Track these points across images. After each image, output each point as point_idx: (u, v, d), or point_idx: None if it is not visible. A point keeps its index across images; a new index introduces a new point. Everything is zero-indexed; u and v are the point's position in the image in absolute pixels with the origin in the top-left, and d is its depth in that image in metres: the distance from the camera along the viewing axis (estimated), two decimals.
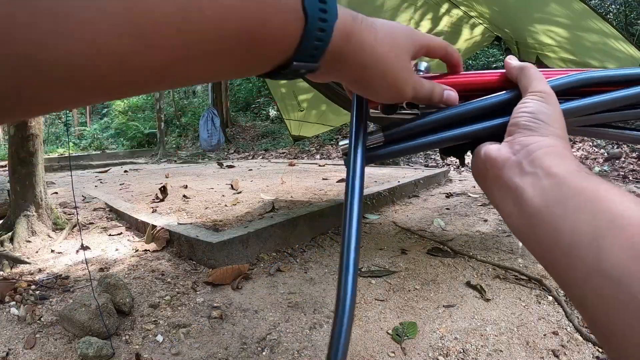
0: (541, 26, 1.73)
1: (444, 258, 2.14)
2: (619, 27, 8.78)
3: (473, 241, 2.46)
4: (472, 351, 1.34)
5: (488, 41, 2.67)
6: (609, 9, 9.60)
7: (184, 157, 8.67)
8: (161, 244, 2.23)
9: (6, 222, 2.26)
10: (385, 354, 1.33)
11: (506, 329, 1.47)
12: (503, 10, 1.95)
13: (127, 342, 1.36)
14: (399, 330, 1.44)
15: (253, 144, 9.67)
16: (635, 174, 5.19)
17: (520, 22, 1.91)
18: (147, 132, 11.37)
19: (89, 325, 1.34)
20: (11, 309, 1.52)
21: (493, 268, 2.01)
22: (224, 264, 1.95)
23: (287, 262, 2.10)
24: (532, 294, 1.75)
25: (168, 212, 2.74)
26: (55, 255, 2.10)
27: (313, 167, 5.70)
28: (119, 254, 2.15)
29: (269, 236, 2.24)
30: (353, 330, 1.47)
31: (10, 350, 1.30)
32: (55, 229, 2.36)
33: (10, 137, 2.27)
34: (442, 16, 2.37)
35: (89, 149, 11.72)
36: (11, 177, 2.29)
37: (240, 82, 13.78)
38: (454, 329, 1.47)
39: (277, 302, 1.67)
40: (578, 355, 1.32)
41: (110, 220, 2.76)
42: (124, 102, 13.97)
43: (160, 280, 1.85)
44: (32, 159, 2.28)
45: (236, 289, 1.78)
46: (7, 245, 2.09)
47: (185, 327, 1.47)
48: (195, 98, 15.64)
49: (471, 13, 2.30)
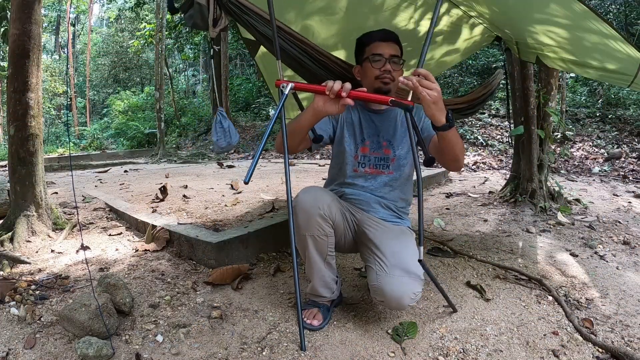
0: (541, 27, 1.73)
1: (443, 258, 2.14)
2: (619, 27, 8.79)
3: (473, 241, 2.46)
4: (472, 351, 1.34)
5: (488, 41, 2.67)
6: (609, 9, 9.59)
7: (184, 157, 8.67)
8: (161, 244, 2.23)
9: (6, 222, 2.26)
10: (385, 354, 1.33)
11: (506, 329, 1.48)
12: (503, 11, 1.95)
13: (127, 342, 1.36)
14: (399, 330, 1.44)
15: (253, 144, 9.67)
16: (635, 174, 5.19)
17: (520, 23, 1.91)
18: (147, 132, 11.37)
19: (89, 325, 1.34)
20: (11, 309, 1.52)
21: (493, 268, 2.01)
22: (224, 264, 1.95)
23: (287, 262, 2.10)
24: (532, 294, 1.75)
25: (168, 212, 2.74)
26: (55, 255, 2.10)
27: (313, 167, 5.70)
28: (119, 254, 2.15)
29: (269, 236, 2.25)
30: (353, 330, 1.47)
31: (10, 350, 1.30)
32: (55, 229, 2.36)
33: (10, 137, 2.27)
34: (441, 16, 2.36)
35: (89, 149, 11.73)
36: (11, 177, 2.29)
37: (240, 82, 13.80)
38: (454, 329, 1.47)
39: (277, 302, 1.67)
40: (578, 355, 1.33)
41: (110, 220, 2.76)
42: (124, 102, 13.97)
43: (160, 280, 1.85)
44: (32, 159, 2.28)
45: (236, 289, 1.78)
46: (7, 245, 2.09)
47: (185, 327, 1.47)
48: (196, 98, 15.65)
49: (471, 13, 2.30)
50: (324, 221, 1.41)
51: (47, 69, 15.83)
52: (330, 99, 1.29)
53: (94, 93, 20.44)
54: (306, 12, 2.40)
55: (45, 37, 20.06)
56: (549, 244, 2.40)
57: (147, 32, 11.11)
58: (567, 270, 2.01)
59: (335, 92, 1.25)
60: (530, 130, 3.06)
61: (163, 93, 9.51)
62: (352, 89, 1.27)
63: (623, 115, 7.45)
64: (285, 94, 1.29)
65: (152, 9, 13.71)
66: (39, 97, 2.31)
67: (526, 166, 3.15)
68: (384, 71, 1.50)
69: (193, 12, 1.68)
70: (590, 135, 7.18)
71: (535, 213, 2.97)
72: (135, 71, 19.57)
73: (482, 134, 7.62)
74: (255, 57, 2.74)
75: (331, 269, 1.52)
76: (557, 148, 6.51)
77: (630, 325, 1.50)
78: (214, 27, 1.71)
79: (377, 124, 1.61)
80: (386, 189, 1.61)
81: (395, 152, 1.59)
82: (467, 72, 9.87)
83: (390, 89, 1.54)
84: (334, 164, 1.71)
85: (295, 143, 1.49)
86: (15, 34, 2.21)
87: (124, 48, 18.25)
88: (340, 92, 1.25)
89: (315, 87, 1.31)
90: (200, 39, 12.44)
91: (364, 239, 1.53)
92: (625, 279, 1.91)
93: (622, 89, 7.43)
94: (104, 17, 22.62)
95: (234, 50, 14.52)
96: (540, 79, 3.21)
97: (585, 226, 2.71)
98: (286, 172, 1.39)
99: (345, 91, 1.25)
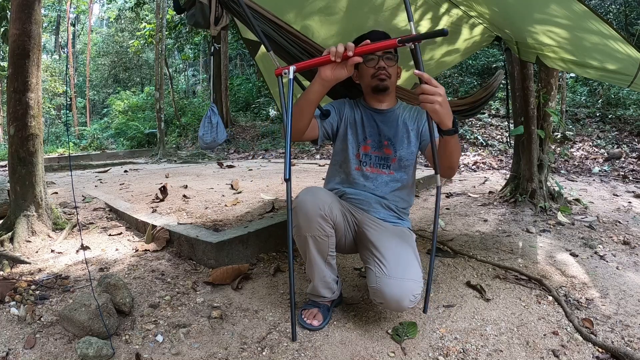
0: (541, 27, 1.73)
1: (443, 258, 2.14)
2: (619, 27, 8.80)
3: (473, 241, 2.46)
4: (472, 351, 1.34)
5: (488, 41, 2.67)
6: (609, 9, 9.60)
7: (184, 157, 8.67)
8: (161, 244, 2.23)
9: (6, 222, 2.26)
10: (385, 354, 1.33)
11: (506, 329, 1.48)
12: (503, 11, 1.95)
13: (127, 342, 1.36)
14: (399, 330, 1.44)
15: (253, 144, 9.67)
16: (635, 174, 5.19)
17: (520, 23, 1.91)
18: (147, 132, 11.36)
19: (89, 325, 1.34)
20: (11, 309, 1.52)
21: (493, 268, 2.01)
22: (224, 264, 1.95)
23: (287, 262, 2.10)
24: (532, 294, 1.75)
25: (168, 212, 2.74)
26: (55, 255, 2.10)
27: (313, 167, 5.70)
28: (119, 254, 2.15)
29: (269, 236, 2.24)
30: (353, 330, 1.47)
31: (10, 350, 1.30)
32: (55, 229, 2.36)
33: (10, 137, 2.27)
34: (441, 16, 2.36)
35: (89, 149, 11.72)
36: (11, 177, 2.28)
37: (240, 82, 13.81)
38: (454, 329, 1.47)
39: (277, 302, 1.67)
40: (578, 355, 1.33)
41: (110, 220, 2.76)
42: (124, 102, 13.97)
43: (160, 280, 1.85)
44: (32, 159, 2.27)
45: (236, 289, 1.78)
46: (7, 245, 2.09)
47: (185, 327, 1.47)
48: (195, 98, 15.64)
49: (471, 13, 2.30)
50: (324, 222, 1.41)
51: (47, 69, 15.82)
52: (336, 64, 1.26)
53: (94, 93, 20.44)
54: (306, 12, 2.40)
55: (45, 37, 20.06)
56: (549, 244, 2.40)
57: (147, 32, 11.10)
58: (567, 270, 2.01)
59: (341, 55, 1.22)
60: (530, 130, 3.06)
61: (163, 93, 9.50)
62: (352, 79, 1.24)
63: (623, 115, 7.45)
64: (291, 79, 1.26)
65: (152, 9, 13.71)
66: (39, 97, 2.31)
67: (526, 166, 3.15)
68: (378, 68, 1.52)
69: (195, 10, 1.69)
70: (590, 135, 7.18)
71: (535, 213, 2.97)
72: (135, 71, 19.57)
73: (482, 134, 7.62)
74: (256, 58, 2.74)
75: (332, 269, 1.52)
76: (557, 148, 6.51)
77: (630, 325, 1.50)
78: (215, 25, 1.71)
79: (378, 123, 1.61)
80: (387, 189, 1.61)
81: (396, 153, 1.60)
82: (467, 72, 9.87)
83: (387, 86, 1.54)
84: (334, 161, 1.70)
85: (304, 123, 1.44)
86: (15, 34, 2.21)
87: (124, 48, 18.25)
88: (346, 53, 1.22)
89: (318, 59, 1.29)
90: (200, 39, 12.45)
91: (363, 239, 1.53)
92: (625, 279, 1.91)
93: (622, 89, 7.43)
94: (104, 17, 22.62)
95: (234, 50, 14.53)
96: (540, 79, 3.21)
97: (585, 226, 2.71)
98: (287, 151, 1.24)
99: (350, 50, 1.22)
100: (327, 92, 1.41)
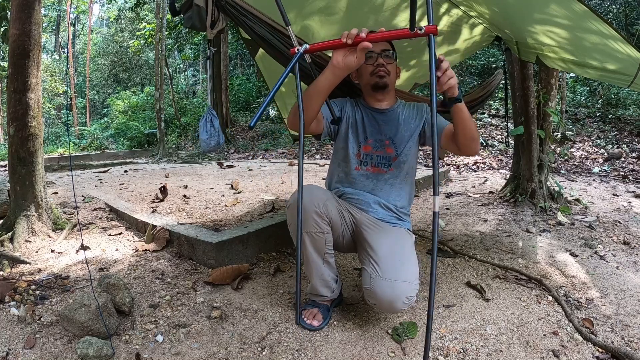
0: (541, 27, 1.73)
1: (444, 258, 2.14)
2: (619, 27, 8.79)
3: (473, 241, 2.46)
4: (472, 351, 1.34)
5: (488, 41, 2.67)
6: (609, 9, 9.60)
7: (184, 157, 8.67)
8: (161, 244, 2.23)
9: (6, 222, 2.26)
10: (385, 354, 1.33)
11: (506, 329, 1.48)
12: (503, 11, 1.95)
13: (127, 342, 1.36)
14: (399, 330, 1.44)
15: (253, 144, 9.67)
16: (635, 174, 5.19)
17: (520, 23, 1.91)
18: (147, 132, 11.36)
19: (89, 325, 1.34)
20: (11, 309, 1.52)
21: (493, 268, 2.01)
22: (224, 264, 1.95)
23: (287, 262, 2.10)
24: (532, 294, 1.75)
25: (168, 212, 2.74)
26: (55, 255, 2.10)
27: (313, 167, 5.70)
28: (119, 254, 2.15)
29: (269, 236, 2.24)
30: (353, 330, 1.47)
31: (10, 350, 1.30)
32: (55, 229, 2.36)
33: (10, 137, 2.27)
34: (441, 16, 2.36)
35: (89, 149, 11.72)
36: (11, 177, 2.28)
37: (240, 82, 13.81)
38: (454, 328, 1.47)
39: (277, 302, 1.67)
40: (578, 355, 1.33)
41: (110, 220, 2.76)
42: (124, 102, 13.97)
43: (160, 280, 1.85)
44: (32, 159, 2.27)
45: (236, 289, 1.78)
46: (7, 245, 2.09)
47: (185, 327, 1.47)
48: (195, 98, 15.65)
49: (471, 13, 2.30)
50: (320, 218, 1.41)
51: (47, 69, 15.82)
52: (348, 51, 1.23)
53: (94, 93, 20.44)
54: (306, 12, 2.40)
55: (45, 37, 20.06)
56: (549, 244, 2.40)
57: (147, 32, 11.11)
58: (567, 270, 2.01)
59: (353, 37, 1.17)
60: (530, 130, 3.06)
61: (163, 93, 9.50)
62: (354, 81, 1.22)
63: (623, 115, 7.45)
64: (299, 54, 1.20)
65: (152, 9, 13.70)
66: (39, 97, 2.31)
67: (526, 166, 3.15)
68: (377, 65, 1.52)
69: (192, 13, 1.69)
70: (590, 135, 7.18)
71: (535, 213, 2.97)
72: (135, 71, 19.57)
73: (482, 134, 7.62)
74: (256, 58, 2.74)
75: (330, 268, 1.52)
76: (557, 148, 6.50)
77: (630, 325, 1.50)
78: (211, 28, 1.71)
79: (380, 122, 1.61)
80: (386, 188, 1.61)
81: (398, 151, 1.60)
82: (467, 72, 9.88)
83: (386, 83, 1.55)
84: (335, 160, 1.70)
85: (312, 113, 1.40)
86: (15, 34, 2.21)
87: (124, 48, 18.25)
88: (359, 36, 1.16)
89: (332, 42, 1.24)
90: (200, 39, 12.45)
91: (360, 239, 1.53)
92: (625, 279, 1.91)
93: (622, 89, 7.43)
94: (104, 17, 22.61)
95: (234, 50, 14.54)
96: (540, 79, 3.21)
97: (585, 226, 2.71)
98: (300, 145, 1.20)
99: (363, 33, 1.17)
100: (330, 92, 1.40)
